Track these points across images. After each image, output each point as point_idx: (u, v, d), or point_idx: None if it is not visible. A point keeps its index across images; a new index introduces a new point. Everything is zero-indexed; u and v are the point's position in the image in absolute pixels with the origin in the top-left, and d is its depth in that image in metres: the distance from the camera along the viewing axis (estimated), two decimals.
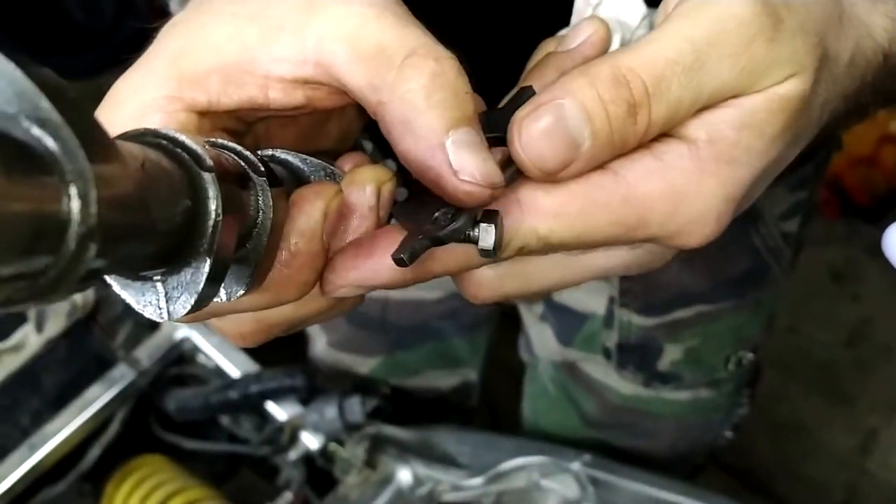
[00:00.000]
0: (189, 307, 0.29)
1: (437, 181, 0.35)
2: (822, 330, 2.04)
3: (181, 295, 0.29)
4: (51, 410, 1.09)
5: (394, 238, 0.36)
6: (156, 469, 1.17)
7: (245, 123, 0.41)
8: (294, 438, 1.12)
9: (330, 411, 1.09)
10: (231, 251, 0.29)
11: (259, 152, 0.37)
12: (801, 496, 1.84)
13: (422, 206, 0.36)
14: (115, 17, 1.39)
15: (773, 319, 0.98)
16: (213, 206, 0.28)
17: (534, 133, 0.34)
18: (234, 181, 0.30)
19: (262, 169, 0.33)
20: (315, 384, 1.12)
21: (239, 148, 0.33)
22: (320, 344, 1.24)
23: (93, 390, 1.11)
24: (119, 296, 0.30)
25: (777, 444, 1.86)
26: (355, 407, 1.08)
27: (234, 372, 1.16)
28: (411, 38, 0.36)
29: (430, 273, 0.38)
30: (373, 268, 0.36)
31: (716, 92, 0.35)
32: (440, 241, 0.35)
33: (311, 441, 1.11)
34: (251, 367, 1.16)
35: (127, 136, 0.29)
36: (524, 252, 0.37)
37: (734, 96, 0.36)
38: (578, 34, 0.42)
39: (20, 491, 1.06)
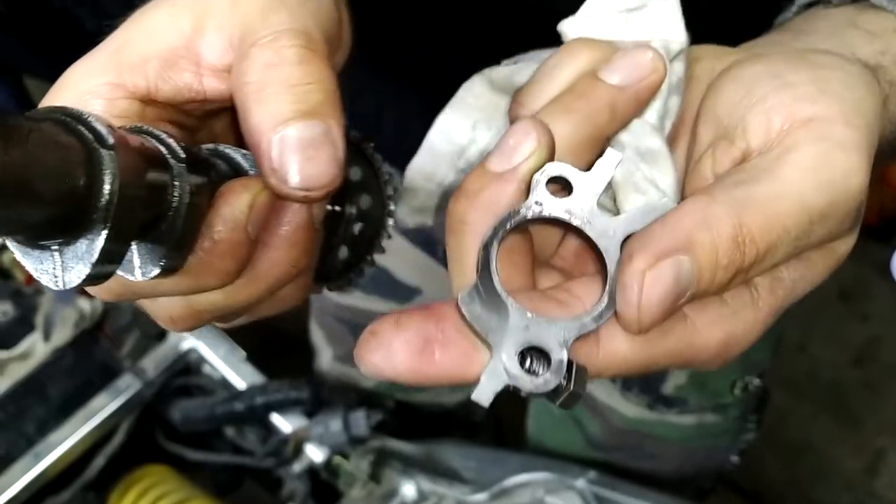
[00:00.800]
0: (83, 277, 0.30)
1: (268, 181, 0.35)
2: (830, 349, 2.03)
3: (76, 265, 0.30)
4: (56, 419, 1.09)
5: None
6: (160, 479, 1.17)
7: (195, 118, 0.42)
8: (298, 451, 1.11)
9: (335, 424, 1.09)
10: (133, 229, 0.31)
11: (203, 146, 0.39)
12: None
13: (493, 310, 0.33)
14: None
15: (780, 342, 0.98)
16: (108, 181, 0.29)
17: (654, 298, 0.32)
18: (148, 164, 0.32)
19: (183, 156, 0.34)
20: (320, 397, 1.12)
21: (163, 135, 0.34)
22: (326, 357, 1.23)
23: (98, 400, 1.11)
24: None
25: (785, 465, 1.84)
26: (360, 420, 1.08)
27: (240, 383, 1.16)
28: (269, 25, 0.36)
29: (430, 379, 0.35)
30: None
31: (804, 254, 0.36)
32: (518, 389, 0.33)
33: (315, 454, 1.11)
34: (257, 378, 1.16)
35: (34, 113, 0.30)
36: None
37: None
38: (630, 65, 0.38)
39: (24, 500, 1.05)
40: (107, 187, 0.29)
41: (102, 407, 1.10)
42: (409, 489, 1.06)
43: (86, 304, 1.13)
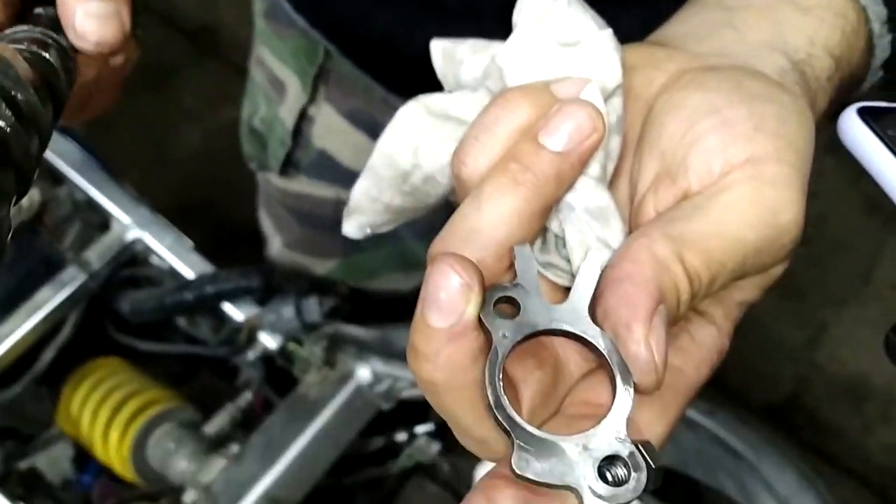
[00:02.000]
0: None
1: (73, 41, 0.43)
2: None
3: None
4: (0, 314, 1.06)
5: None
6: (113, 371, 1.16)
7: None
8: (252, 339, 1.11)
9: (287, 311, 1.08)
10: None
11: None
12: (752, 388, 1.91)
13: (546, 454, 0.33)
14: None
15: None
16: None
17: (662, 354, 0.34)
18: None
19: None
20: (272, 285, 1.11)
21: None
22: (276, 244, 1.22)
23: (42, 293, 1.08)
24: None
25: (732, 340, 1.91)
26: (313, 306, 1.08)
27: (189, 273, 1.14)
28: None
29: None
30: None
31: (739, 281, 0.39)
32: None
33: (269, 341, 1.11)
34: (206, 267, 1.14)
35: None
36: None
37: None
38: (571, 128, 0.37)
39: None
40: None
41: (47, 300, 1.08)
42: (364, 372, 1.08)
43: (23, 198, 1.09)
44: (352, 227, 0.49)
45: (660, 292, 0.34)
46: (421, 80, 0.62)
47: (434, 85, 0.46)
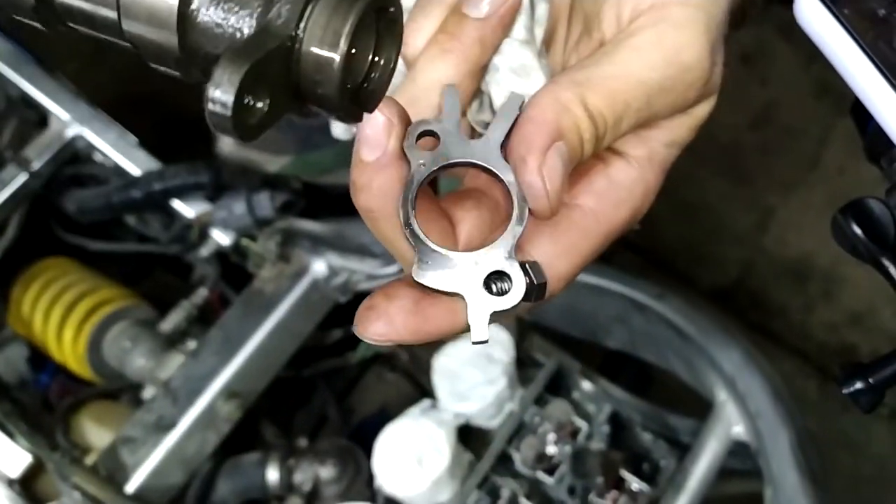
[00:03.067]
0: None
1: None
2: (729, 113, 2.08)
3: None
4: None
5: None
6: (63, 271, 1.15)
7: None
8: (204, 235, 1.10)
9: (238, 207, 1.07)
10: None
11: None
12: (700, 272, 1.95)
13: (442, 266, 0.38)
14: None
15: None
16: None
17: (556, 183, 0.37)
18: None
19: None
20: (221, 181, 1.09)
21: None
22: (226, 141, 1.19)
23: None
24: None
25: (681, 225, 1.94)
26: (264, 202, 1.06)
27: (135, 170, 1.11)
28: None
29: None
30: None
31: (654, 121, 0.42)
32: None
33: (221, 238, 1.10)
34: (153, 165, 1.11)
35: None
36: None
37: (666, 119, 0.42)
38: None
39: None
40: None
41: None
42: (319, 266, 1.07)
43: None
44: (340, 129, 0.54)
45: (558, 131, 0.38)
46: None
47: None
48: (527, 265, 0.38)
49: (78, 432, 1.03)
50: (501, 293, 0.38)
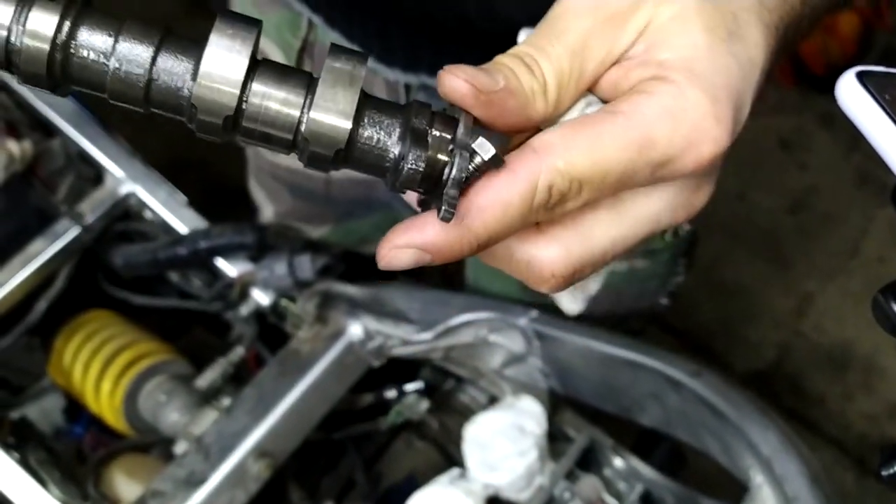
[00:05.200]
0: None
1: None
2: (768, 197, 2.08)
3: None
4: None
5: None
6: (106, 323, 1.17)
7: None
8: (244, 294, 1.12)
9: (280, 268, 1.09)
10: None
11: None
12: (736, 354, 1.93)
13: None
14: None
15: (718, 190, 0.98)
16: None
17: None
18: None
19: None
20: (265, 241, 1.12)
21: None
22: (267, 213, 1.22)
23: (35, 245, 1.09)
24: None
25: (717, 306, 1.92)
26: (305, 264, 1.08)
27: (182, 228, 1.14)
28: None
29: (473, 232, 0.40)
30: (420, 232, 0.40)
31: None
32: (458, 182, 0.39)
33: (261, 297, 1.12)
34: (200, 223, 1.15)
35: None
36: (558, 194, 0.40)
37: None
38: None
39: None
40: None
41: (40, 252, 1.08)
42: (355, 329, 1.08)
43: (14, 147, 1.08)
44: (576, 304, 0.55)
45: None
46: (411, 48, 0.62)
47: (425, 52, 0.46)
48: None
49: (109, 484, 1.04)
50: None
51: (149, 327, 1.20)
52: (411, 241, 0.40)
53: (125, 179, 1.15)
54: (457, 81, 0.39)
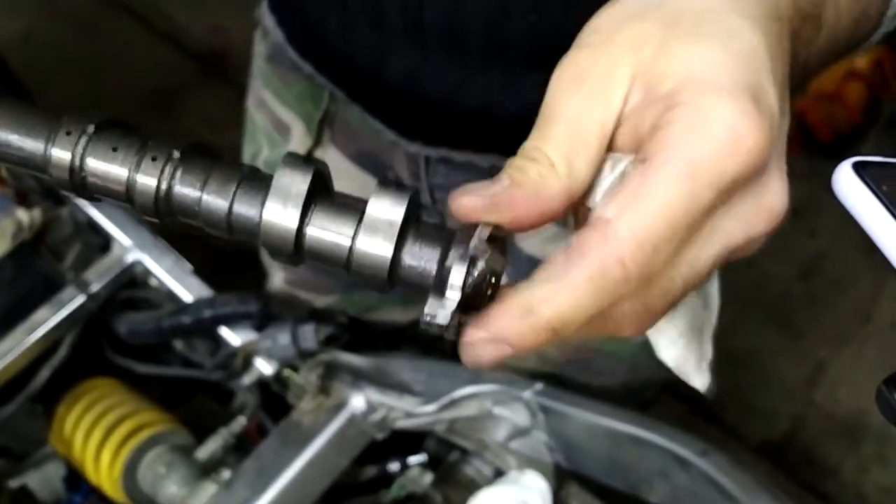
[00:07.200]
0: None
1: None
2: (777, 263, 2.07)
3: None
4: None
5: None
6: (108, 392, 1.16)
7: None
8: (248, 364, 1.11)
9: (283, 338, 1.08)
10: None
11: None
12: (749, 425, 1.90)
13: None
14: None
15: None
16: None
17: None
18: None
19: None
20: (269, 311, 1.11)
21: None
22: (277, 279, 1.23)
23: (41, 313, 1.09)
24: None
25: (728, 374, 1.90)
26: (309, 334, 1.08)
27: (187, 296, 1.14)
28: None
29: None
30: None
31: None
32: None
33: (264, 367, 1.11)
34: (204, 292, 1.15)
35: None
36: (634, 265, 0.38)
37: None
38: None
39: None
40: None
41: (45, 320, 1.08)
42: (358, 401, 1.07)
43: (24, 215, 1.10)
44: (703, 376, 0.56)
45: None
46: (432, 124, 0.62)
47: (446, 127, 0.46)
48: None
49: None
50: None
51: (152, 395, 1.19)
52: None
53: (132, 247, 1.15)
54: (463, 199, 0.39)
